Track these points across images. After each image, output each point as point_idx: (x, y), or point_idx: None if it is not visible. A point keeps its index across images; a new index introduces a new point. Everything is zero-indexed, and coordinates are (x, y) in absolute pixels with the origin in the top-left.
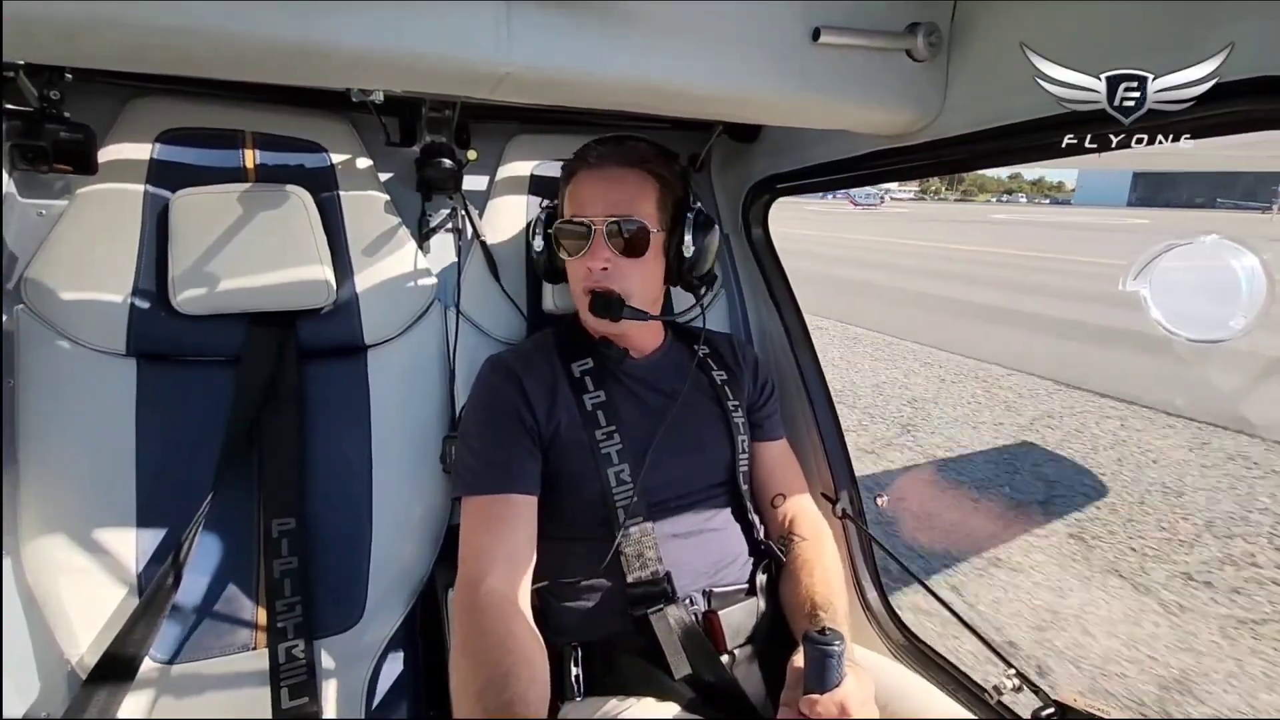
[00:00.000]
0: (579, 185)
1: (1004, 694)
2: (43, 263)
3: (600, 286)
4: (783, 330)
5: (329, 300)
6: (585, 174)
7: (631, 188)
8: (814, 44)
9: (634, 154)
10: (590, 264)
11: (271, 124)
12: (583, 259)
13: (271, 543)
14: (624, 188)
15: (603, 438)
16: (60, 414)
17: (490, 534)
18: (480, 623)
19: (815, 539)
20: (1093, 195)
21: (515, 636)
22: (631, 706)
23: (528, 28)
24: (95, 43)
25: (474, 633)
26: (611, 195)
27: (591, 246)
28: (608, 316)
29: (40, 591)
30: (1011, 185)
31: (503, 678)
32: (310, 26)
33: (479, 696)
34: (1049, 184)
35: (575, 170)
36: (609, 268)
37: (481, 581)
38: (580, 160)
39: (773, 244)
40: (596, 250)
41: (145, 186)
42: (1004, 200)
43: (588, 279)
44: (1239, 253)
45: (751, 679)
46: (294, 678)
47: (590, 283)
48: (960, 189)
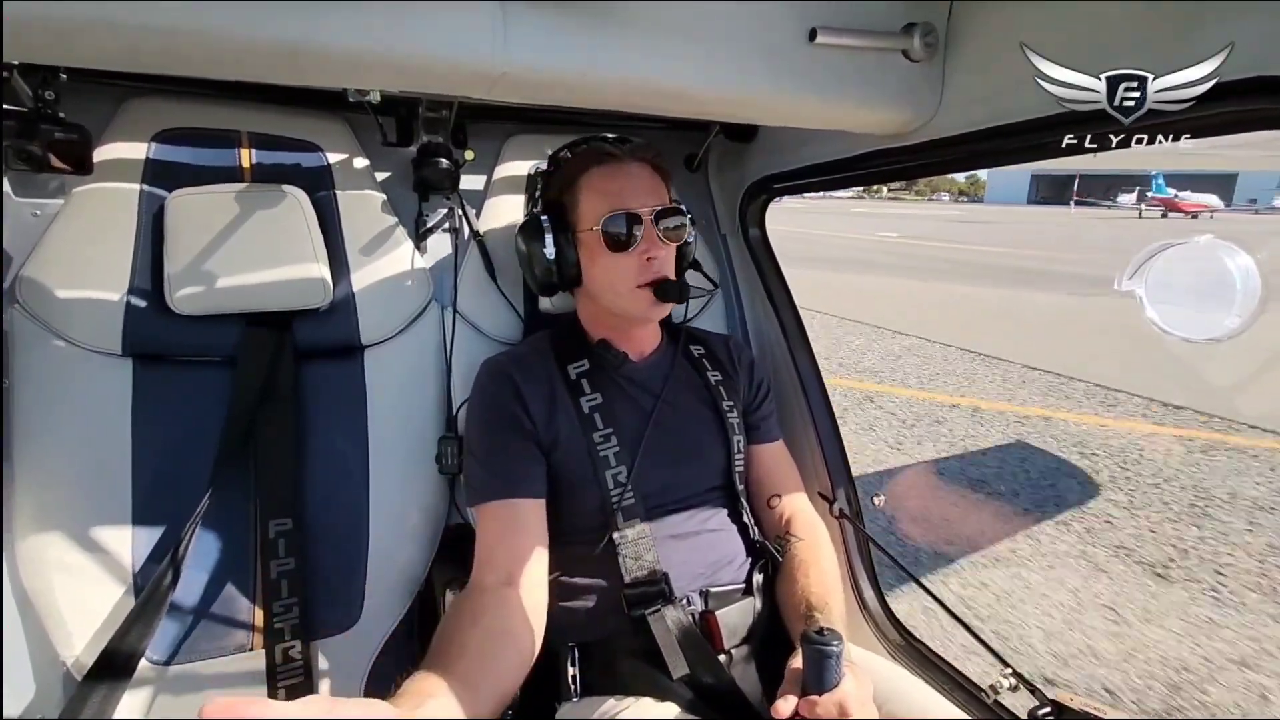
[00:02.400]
0: (607, 179)
1: (1000, 693)
2: (38, 263)
3: (661, 275)
4: (779, 330)
5: (325, 300)
6: (611, 168)
7: (656, 179)
8: (810, 44)
9: (647, 149)
10: (652, 253)
11: (267, 124)
12: (635, 251)
13: (268, 543)
14: (652, 179)
15: (600, 440)
16: (56, 414)
17: (498, 542)
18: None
19: (812, 539)
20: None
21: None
22: (629, 706)
23: (524, 28)
24: (91, 43)
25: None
26: (647, 185)
27: (645, 237)
28: (678, 300)
29: (36, 592)
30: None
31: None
32: (306, 27)
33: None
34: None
35: (591, 166)
36: (663, 255)
37: (484, 589)
38: (597, 156)
39: (769, 244)
40: (652, 240)
41: (141, 186)
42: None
43: (645, 270)
44: (1233, 252)
45: (749, 678)
46: (291, 679)
47: (651, 273)
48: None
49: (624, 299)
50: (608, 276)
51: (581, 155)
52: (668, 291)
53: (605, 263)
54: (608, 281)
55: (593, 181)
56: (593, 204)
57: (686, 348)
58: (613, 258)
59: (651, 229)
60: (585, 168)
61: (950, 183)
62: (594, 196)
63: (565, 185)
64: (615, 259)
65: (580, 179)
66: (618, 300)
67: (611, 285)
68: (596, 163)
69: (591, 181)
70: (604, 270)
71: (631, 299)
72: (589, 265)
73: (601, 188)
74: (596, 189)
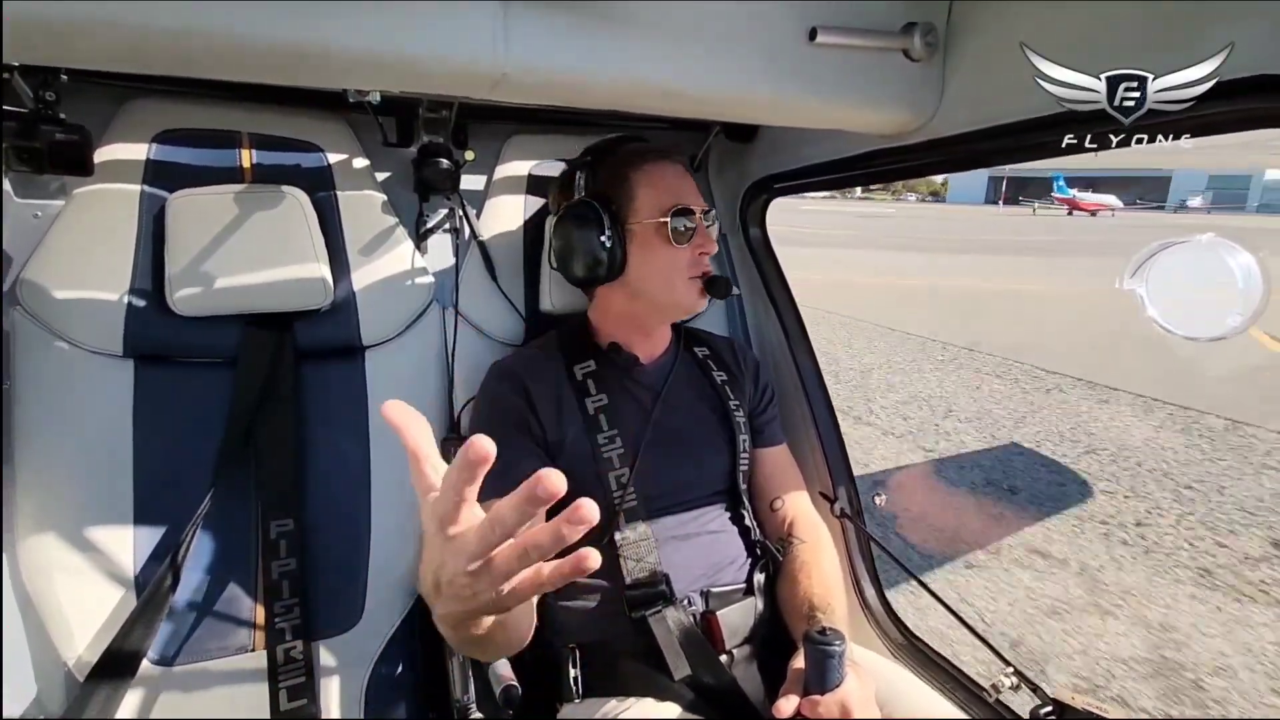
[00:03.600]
0: (662, 176)
1: (1002, 692)
2: (39, 264)
3: (708, 270)
4: (780, 330)
5: (326, 301)
6: (663, 165)
7: (695, 182)
8: (810, 44)
9: (681, 154)
10: (707, 249)
11: (268, 124)
12: (692, 245)
13: (269, 544)
14: (693, 182)
15: (604, 441)
16: (57, 416)
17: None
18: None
19: (814, 542)
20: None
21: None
22: (631, 707)
23: (525, 28)
24: (91, 44)
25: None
26: (693, 185)
27: (698, 232)
28: (724, 294)
29: (37, 593)
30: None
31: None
32: (307, 27)
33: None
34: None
35: (646, 161)
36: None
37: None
38: (649, 153)
39: (770, 244)
40: (707, 236)
41: (141, 187)
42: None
43: (698, 264)
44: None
45: (750, 679)
46: (292, 679)
47: (703, 267)
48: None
49: (678, 291)
50: (663, 268)
51: (634, 151)
52: (717, 285)
53: (663, 255)
54: (663, 274)
55: (651, 177)
56: (652, 197)
57: (692, 349)
58: (672, 250)
59: (703, 225)
60: (639, 163)
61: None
62: (653, 191)
63: (615, 179)
64: (675, 251)
65: (633, 174)
66: (670, 293)
67: (666, 278)
68: (652, 159)
69: (650, 177)
70: (660, 262)
71: (685, 291)
72: (640, 257)
73: (661, 183)
74: (655, 184)
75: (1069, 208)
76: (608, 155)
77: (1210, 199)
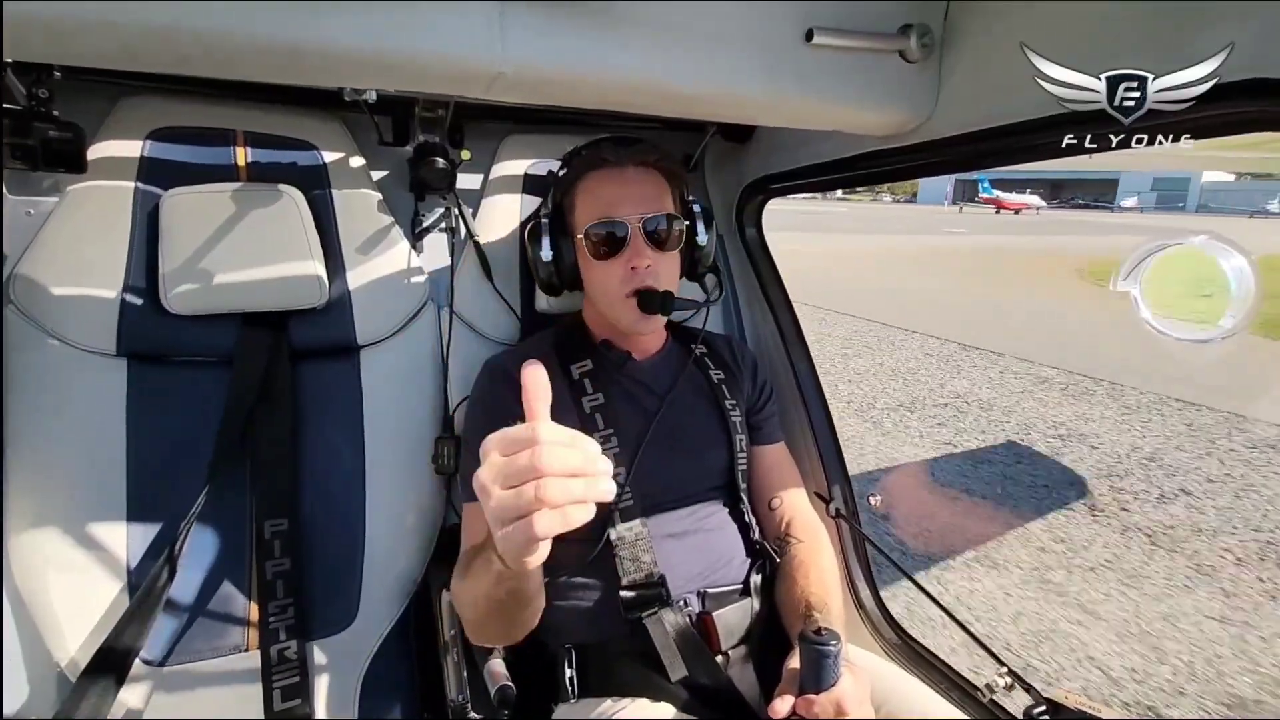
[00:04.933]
0: (600, 185)
1: (996, 692)
2: (31, 262)
3: (645, 285)
4: (776, 330)
5: (321, 300)
6: (605, 173)
7: (654, 185)
8: (807, 45)
9: (649, 152)
10: (635, 262)
11: (263, 122)
12: (621, 260)
13: (264, 544)
14: (648, 185)
15: (600, 441)
16: (50, 415)
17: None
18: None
19: (811, 541)
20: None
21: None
22: (626, 707)
23: (521, 28)
24: (86, 42)
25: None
26: (640, 192)
27: (631, 246)
28: (660, 312)
29: (30, 592)
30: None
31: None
32: (302, 26)
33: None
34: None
35: (588, 170)
36: (651, 264)
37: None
38: (594, 160)
39: (766, 244)
40: (638, 249)
41: (136, 185)
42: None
43: (630, 279)
44: (1228, 253)
45: (746, 679)
46: (286, 679)
47: (636, 283)
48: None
49: (615, 307)
50: (596, 284)
51: (582, 160)
52: (648, 301)
53: (594, 270)
54: (600, 288)
55: (588, 186)
56: (585, 209)
57: (689, 347)
58: (600, 265)
59: (639, 237)
60: (583, 173)
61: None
62: (587, 202)
63: (566, 189)
64: (602, 266)
65: (578, 184)
66: (610, 309)
67: (603, 292)
68: (593, 168)
69: (587, 186)
70: (593, 278)
71: (621, 307)
72: (585, 270)
73: (594, 193)
74: (590, 194)
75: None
76: (571, 162)
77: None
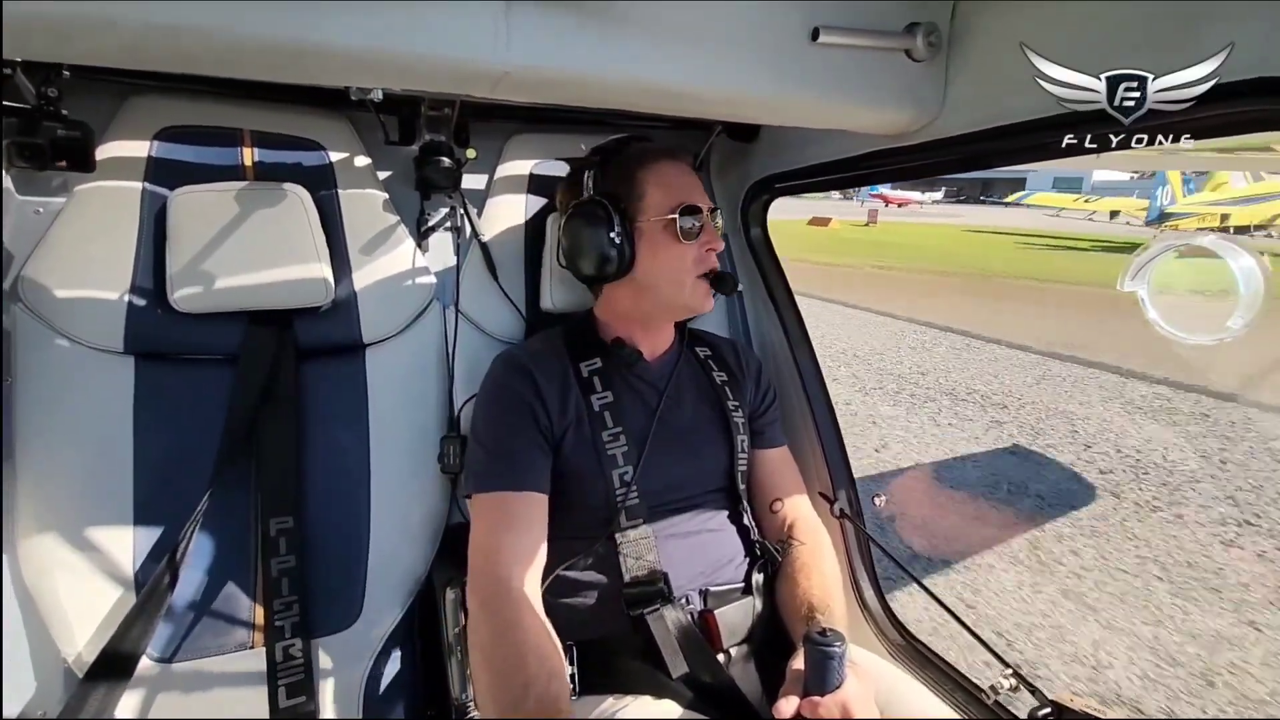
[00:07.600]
0: (671, 174)
1: (1000, 694)
2: (40, 261)
3: (715, 267)
4: (781, 330)
5: (327, 299)
6: (671, 164)
7: (700, 181)
8: (813, 44)
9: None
10: (713, 245)
11: (270, 122)
12: (698, 243)
13: (269, 542)
14: (699, 180)
15: (609, 439)
16: (57, 412)
17: (504, 532)
18: (500, 626)
19: (813, 544)
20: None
21: (535, 636)
22: (628, 705)
23: (526, 27)
24: (93, 41)
25: (494, 636)
26: (698, 185)
27: (705, 230)
28: (730, 291)
29: (37, 590)
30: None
31: (527, 683)
32: (308, 26)
33: (512, 706)
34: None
35: (658, 160)
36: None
37: (498, 581)
38: (656, 152)
39: (771, 244)
40: (711, 234)
41: (143, 184)
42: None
43: (704, 261)
44: (1236, 253)
45: (748, 678)
46: (291, 676)
47: (709, 264)
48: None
49: (685, 288)
50: (672, 266)
51: (643, 150)
52: (724, 282)
53: (672, 252)
54: (671, 271)
55: (660, 175)
56: (661, 195)
57: (693, 348)
58: (680, 248)
59: (710, 223)
60: (648, 162)
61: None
62: (662, 189)
63: (623, 177)
64: (683, 249)
65: (642, 172)
66: (678, 290)
67: (675, 275)
68: (660, 158)
69: (659, 175)
70: (669, 260)
71: (693, 289)
72: (649, 255)
73: (669, 181)
74: (664, 182)
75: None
76: (616, 154)
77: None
